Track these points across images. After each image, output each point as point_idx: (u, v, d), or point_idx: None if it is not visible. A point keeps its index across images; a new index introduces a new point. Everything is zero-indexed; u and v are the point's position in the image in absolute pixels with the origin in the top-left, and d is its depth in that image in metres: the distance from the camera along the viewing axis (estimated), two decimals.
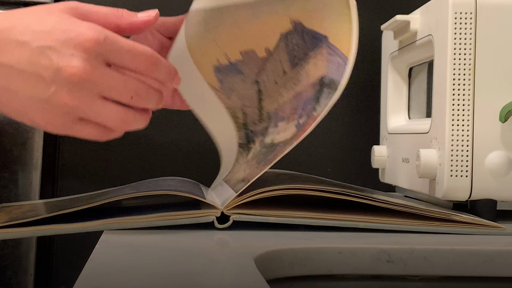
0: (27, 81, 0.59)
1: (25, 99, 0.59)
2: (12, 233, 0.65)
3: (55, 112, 0.60)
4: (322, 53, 0.71)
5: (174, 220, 0.66)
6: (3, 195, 1.02)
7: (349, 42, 0.68)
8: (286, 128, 0.74)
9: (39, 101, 0.59)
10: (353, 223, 0.67)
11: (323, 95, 0.70)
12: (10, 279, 1.02)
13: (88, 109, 0.60)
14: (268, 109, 0.79)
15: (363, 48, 1.13)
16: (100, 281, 0.45)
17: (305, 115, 0.71)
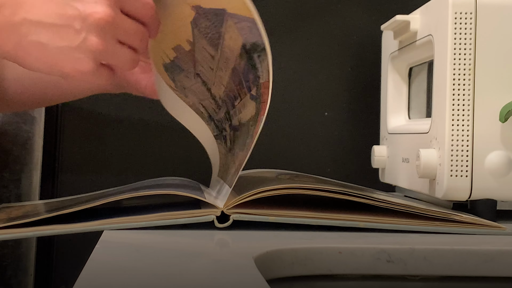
0: (58, 32, 0.65)
1: (56, 50, 0.65)
2: (12, 234, 0.65)
3: (84, 59, 0.66)
4: (230, 25, 0.72)
5: (174, 219, 0.66)
6: (4, 195, 1.02)
7: (243, 4, 0.68)
8: (244, 105, 0.75)
9: (70, 49, 0.65)
10: (353, 222, 0.67)
11: (255, 60, 0.70)
12: (10, 279, 1.02)
13: (111, 52, 0.67)
14: (219, 94, 0.79)
15: (363, 48, 1.13)
16: (100, 281, 0.45)
17: (253, 85, 0.72)
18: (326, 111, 1.12)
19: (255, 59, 0.70)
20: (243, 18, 0.70)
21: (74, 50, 0.65)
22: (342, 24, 1.12)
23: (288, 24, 1.12)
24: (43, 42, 0.65)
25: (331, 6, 1.12)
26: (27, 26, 0.64)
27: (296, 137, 1.11)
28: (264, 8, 1.11)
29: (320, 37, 1.12)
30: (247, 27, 0.70)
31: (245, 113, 0.75)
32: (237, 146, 0.77)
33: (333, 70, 1.12)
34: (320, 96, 1.12)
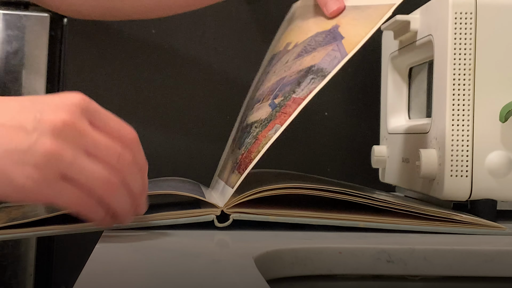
0: (6, 133, 0.54)
1: (2, 155, 0.53)
2: (12, 234, 0.65)
3: (35, 163, 0.53)
4: (327, 49, 0.72)
5: (174, 219, 0.66)
6: None
7: (357, 42, 0.68)
8: (260, 108, 0.74)
9: (19, 152, 0.53)
10: (353, 222, 0.67)
11: (306, 79, 0.70)
12: (10, 279, 1.02)
13: (72, 162, 0.54)
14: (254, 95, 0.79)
15: (363, 48, 1.12)
16: (100, 281, 0.45)
17: (282, 96, 0.72)
18: (326, 111, 1.12)
19: (307, 78, 0.70)
20: (341, 49, 0.69)
21: (24, 153, 0.53)
22: None
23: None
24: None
25: None
26: None
27: (296, 137, 1.11)
28: (265, 8, 1.11)
29: None
30: (334, 57, 0.70)
31: (255, 115, 0.75)
32: (237, 145, 0.77)
33: None
34: (320, 96, 1.12)
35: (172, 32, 1.10)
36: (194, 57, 1.10)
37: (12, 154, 0.53)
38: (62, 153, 0.54)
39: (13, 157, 0.53)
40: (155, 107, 1.09)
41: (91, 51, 1.08)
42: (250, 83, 1.11)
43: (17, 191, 0.54)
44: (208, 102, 1.10)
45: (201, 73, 1.10)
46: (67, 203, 0.56)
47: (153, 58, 1.09)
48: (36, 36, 1.04)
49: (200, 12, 1.10)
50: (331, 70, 0.68)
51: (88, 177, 0.55)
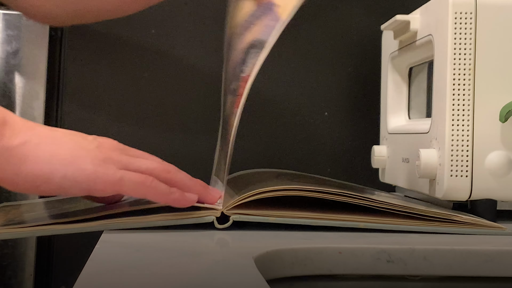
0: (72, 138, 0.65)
1: (72, 147, 0.64)
2: (11, 233, 0.65)
3: (102, 158, 0.64)
4: (264, 20, 0.72)
5: (174, 220, 0.65)
6: (3, 195, 1.02)
7: (291, 8, 0.68)
8: (227, 100, 0.75)
9: (87, 149, 0.64)
10: (353, 223, 0.67)
11: (249, 56, 0.70)
12: (10, 279, 1.02)
13: (128, 158, 0.66)
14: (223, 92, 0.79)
15: (363, 48, 1.13)
16: (100, 281, 0.45)
17: (235, 80, 0.72)
18: (326, 111, 1.12)
19: (251, 54, 0.70)
20: (275, 17, 0.69)
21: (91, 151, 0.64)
22: (342, 24, 1.12)
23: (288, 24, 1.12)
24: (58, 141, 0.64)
25: (331, 6, 1.12)
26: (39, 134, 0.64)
27: (296, 137, 1.11)
28: None
29: (320, 37, 1.12)
30: (271, 26, 0.70)
31: (226, 108, 0.75)
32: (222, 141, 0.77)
33: (333, 70, 1.12)
34: (320, 96, 1.12)
35: (172, 32, 1.10)
36: (194, 57, 1.10)
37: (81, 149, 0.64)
38: (121, 155, 0.65)
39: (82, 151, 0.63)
40: (155, 107, 1.09)
41: (91, 51, 1.08)
42: None
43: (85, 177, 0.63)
44: (208, 102, 1.10)
45: (201, 73, 1.10)
46: (135, 183, 0.64)
47: (153, 58, 1.09)
48: (36, 36, 1.04)
49: (200, 12, 1.10)
50: (269, 38, 0.68)
51: (144, 165, 0.66)
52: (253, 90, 1.11)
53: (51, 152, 0.62)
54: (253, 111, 1.11)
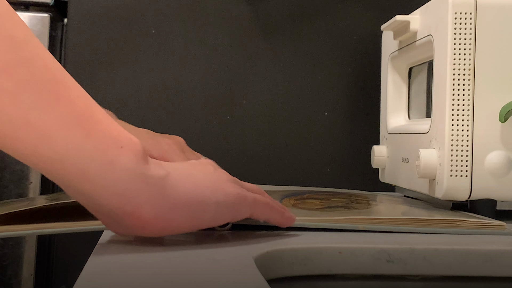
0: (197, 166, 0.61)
1: (207, 173, 0.61)
2: (11, 232, 0.65)
3: (232, 181, 0.62)
4: None
5: None
6: (3, 195, 1.02)
7: None
8: None
9: (217, 175, 0.61)
10: (352, 225, 0.67)
11: None
12: (10, 279, 1.02)
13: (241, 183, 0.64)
14: None
15: (363, 48, 1.13)
16: (100, 281, 0.45)
17: None
18: (326, 111, 1.12)
19: None
20: None
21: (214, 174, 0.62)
22: (342, 24, 1.12)
23: (288, 24, 1.12)
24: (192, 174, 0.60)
25: (331, 6, 1.12)
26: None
27: (296, 137, 1.11)
28: (265, 8, 1.11)
29: (320, 37, 1.12)
30: None
31: None
32: None
33: (333, 70, 1.12)
34: (320, 96, 1.12)
35: (172, 32, 1.10)
36: (194, 57, 1.10)
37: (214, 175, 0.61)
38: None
39: (218, 178, 0.61)
40: (155, 107, 1.09)
41: (91, 51, 1.08)
42: (250, 83, 1.11)
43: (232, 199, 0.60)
44: (208, 102, 1.10)
45: (201, 73, 1.10)
46: (263, 204, 0.63)
47: (153, 58, 1.09)
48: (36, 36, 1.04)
49: (200, 12, 1.10)
50: None
51: (252, 187, 0.65)
52: (253, 90, 1.11)
53: (196, 181, 0.59)
54: (253, 111, 1.11)
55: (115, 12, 1.09)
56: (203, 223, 0.59)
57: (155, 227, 0.55)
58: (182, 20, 1.10)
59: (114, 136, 0.54)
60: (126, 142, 0.54)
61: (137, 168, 0.54)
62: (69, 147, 0.51)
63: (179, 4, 1.10)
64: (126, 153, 0.53)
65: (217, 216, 0.59)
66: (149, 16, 1.09)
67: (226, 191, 0.60)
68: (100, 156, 0.52)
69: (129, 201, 0.53)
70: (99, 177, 0.52)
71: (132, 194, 0.53)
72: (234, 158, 1.10)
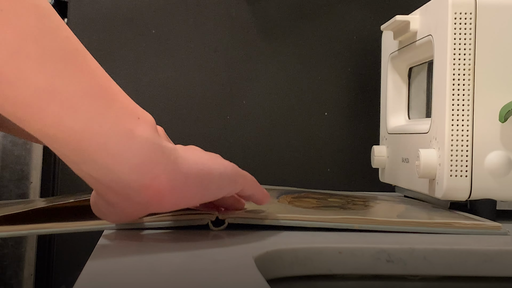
0: (195, 148, 0.62)
1: (199, 153, 0.61)
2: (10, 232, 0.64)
3: (217, 156, 0.63)
4: None
5: (171, 222, 0.65)
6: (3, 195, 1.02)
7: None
8: None
9: (204, 152, 0.62)
10: (348, 224, 0.67)
11: None
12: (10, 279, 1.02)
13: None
14: None
15: (363, 48, 1.13)
16: (100, 281, 0.45)
17: None
18: (326, 111, 1.12)
19: None
20: None
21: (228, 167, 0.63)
22: (342, 24, 1.12)
23: (288, 24, 1.12)
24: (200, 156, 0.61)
25: (331, 6, 1.12)
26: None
27: (296, 137, 1.11)
28: (265, 8, 1.11)
29: (320, 37, 1.12)
30: None
31: None
32: None
33: (333, 70, 1.12)
34: (320, 96, 1.12)
35: (172, 32, 1.10)
36: (194, 57, 1.10)
37: (209, 154, 0.62)
38: None
39: (212, 155, 0.62)
40: (155, 107, 1.09)
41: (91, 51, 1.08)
42: (250, 83, 1.11)
43: (230, 170, 0.62)
44: (208, 102, 1.10)
45: (201, 73, 1.10)
46: (250, 179, 0.65)
47: (153, 58, 1.09)
48: None
49: (200, 13, 1.10)
50: None
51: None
52: (253, 90, 1.11)
53: (198, 155, 0.60)
54: (253, 111, 1.11)
55: (115, 12, 1.09)
56: (211, 194, 0.60)
57: (171, 199, 0.56)
58: (182, 20, 1.10)
59: (131, 108, 0.55)
60: (141, 114, 0.55)
61: (153, 138, 0.55)
62: (92, 117, 0.51)
63: (179, 4, 1.10)
64: (143, 124, 0.54)
65: (221, 186, 0.61)
66: (149, 16, 1.09)
67: (224, 163, 0.61)
68: (120, 126, 0.53)
69: (147, 172, 0.54)
70: (120, 147, 0.52)
71: (150, 164, 0.54)
72: (234, 158, 1.10)
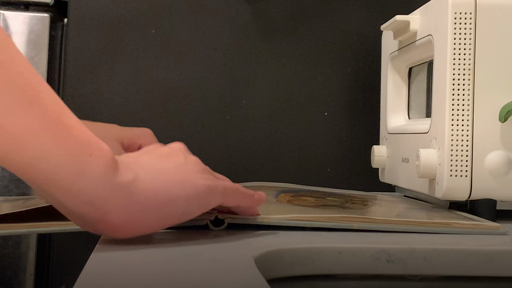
0: (168, 157, 0.62)
1: (176, 166, 0.61)
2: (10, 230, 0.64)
3: (201, 171, 0.62)
4: None
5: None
6: (3, 195, 1.02)
7: None
8: None
9: (187, 166, 0.61)
10: (347, 224, 0.67)
11: None
12: (10, 279, 1.02)
13: (211, 171, 0.65)
14: None
15: (363, 48, 1.13)
16: (100, 281, 0.45)
17: None
18: (326, 111, 1.12)
19: None
20: None
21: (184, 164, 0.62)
22: (342, 24, 1.12)
23: (288, 24, 1.12)
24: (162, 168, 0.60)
25: (331, 7, 1.12)
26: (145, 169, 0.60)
27: (296, 137, 1.11)
28: (265, 8, 1.11)
29: (320, 37, 1.12)
30: None
31: None
32: None
33: (333, 70, 1.12)
34: (320, 96, 1.12)
35: (172, 32, 1.10)
36: (194, 57, 1.10)
37: (182, 167, 0.61)
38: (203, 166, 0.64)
39: (187, 169, 0.61)
40: (155, 107, 1.09)
41: (91, 51, 1.08)
42: (250, 83, 1.11)
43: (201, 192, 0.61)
44: (208, 102, 1.10)
45: (201, 73, 1.10)
46: (234, 191, 0.64)
47: (153, 58, 1.09)
48: (36, 36, 1.04)
49: (200, 13, 1.10)
50: None
51: (222, 176, 0.67)
52: (253, 90, 1.11)
53: (165, 178, 0.59)
54: (253, 111, 1.11)
55: (115, 12, 1.09)
56: (173, 220, 0.60)
57: (126, 231, 0.57)
58: (182, 20, 1.10)
59: (84, 143, 0.54)
60: (95, 149, 0.54)
61: (105, 176, 0.54)
62: (39, 154, 0.52)
63: (179, 4, 1.10)
64: (95, 161, 0.54)
65: (187, 211, 0.60)
66: (149, 16, 1.09)
67: (196, 183, 0.60)
68: (69, 163, 0.53)
69: (97, 208, 0.54)
70: (68, 184, 0.53)
71: (100, 202, 0.54)
72: (234, 158, 1.10)
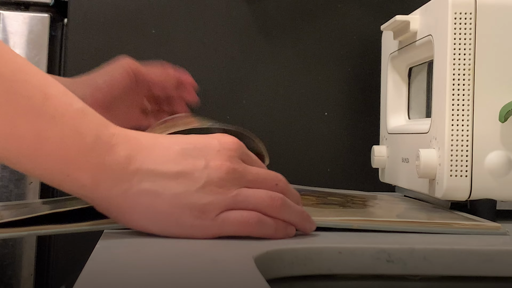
0: (175, 179, 0.58)
1: (171, 198, 0.58)
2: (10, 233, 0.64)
3: (203, 204, 0.58)
4: None
5: None
6: (3, 195, 1.02)
7: None
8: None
9: (188, 194, 0.58)
10: (347, 224, 0.67)
11: None
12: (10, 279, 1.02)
13: (235, 197, 0.59)
14: None
15: (363, 48, 1.13)
16: (100, 281, 0.45)
17: None
18: (326, 111, 1.12)
19: None
20: None
21: (193, 194, 0.58)
22: (342, 24, 1.12)
23: (288, 24, 1.12)
24: (157, 190, 0.58)
25: (331, 6, 1.12)
26: (141, 175, 0.58)
27: (296, 137, 1.11)
28: (265, 8, 1.11)
29: (320, 37, 1.12)
30: None
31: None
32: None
33: (333, 70, 1.12)
34: (320, 96, 1.12)
35: (172, 32, 1.10)
36: (194, 57, 1.10)
37: (180, 197, 0.58)
38: (228, 193, 0.59)
39: (182, 200, 0.58)
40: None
41: (91, 51, 1.08)
42: (250, 83, 1.11)
43: (183, 231, 0.59)
44: (208, 102, 1.10)
45: (201, 73, 1.10)
46: (239, 223, 0.59)
47: (153, 58, 1.09)
48: (36, 36, 1.04)
49: (200, 12, 1.10)
50: None
51: (252, 202, 0.60)
52: (253, 90, 1.11)
53: (148, 203, 0.58)
54: (253, 111, 1.11)
55: (115, 12, 1.09)
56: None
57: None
58: (182, 20, 1.10)
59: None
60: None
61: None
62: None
63: (179, 4, 1.10)
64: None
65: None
66: (149, 16, 1.09)
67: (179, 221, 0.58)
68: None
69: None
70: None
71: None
72: None
